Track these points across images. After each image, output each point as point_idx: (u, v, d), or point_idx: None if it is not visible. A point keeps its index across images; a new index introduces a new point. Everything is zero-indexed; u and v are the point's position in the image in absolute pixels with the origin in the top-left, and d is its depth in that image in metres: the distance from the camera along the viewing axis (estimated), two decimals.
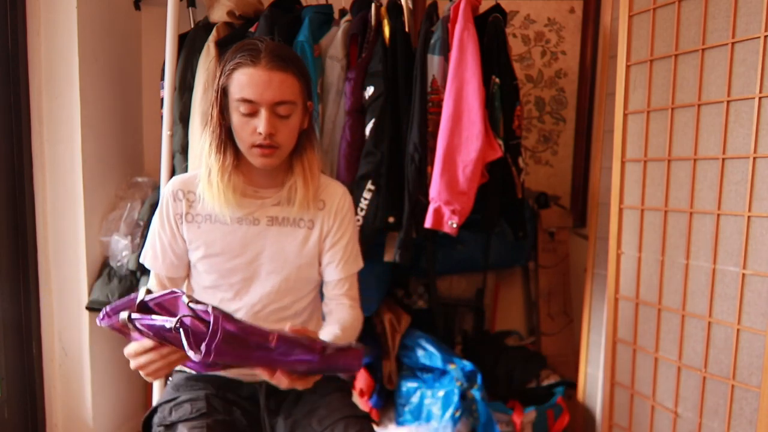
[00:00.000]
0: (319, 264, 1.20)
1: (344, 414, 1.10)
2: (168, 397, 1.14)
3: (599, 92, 2.07)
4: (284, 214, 1.15)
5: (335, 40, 1.71)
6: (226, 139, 1.09)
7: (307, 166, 1.14)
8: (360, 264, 1.25)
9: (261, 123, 1.03)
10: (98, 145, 1.89)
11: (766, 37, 1.31)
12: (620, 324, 1.72)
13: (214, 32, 1.72)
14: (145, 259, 1.18)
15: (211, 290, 1.16)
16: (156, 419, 1.12)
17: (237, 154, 1.11)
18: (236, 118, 1.05)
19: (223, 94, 1.07)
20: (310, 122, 1.15)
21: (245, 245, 1.13)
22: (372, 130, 1.62)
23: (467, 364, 1.83)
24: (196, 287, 1.19)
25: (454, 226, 1.54)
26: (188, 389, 1.14)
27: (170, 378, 1.22)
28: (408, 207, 1.63)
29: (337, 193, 1.20)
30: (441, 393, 1.79)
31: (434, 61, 1.63)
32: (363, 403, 1.88)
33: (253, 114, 1.04)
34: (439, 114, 1.60)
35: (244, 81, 1.02)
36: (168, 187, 1.15)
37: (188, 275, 1.22)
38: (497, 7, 1.69)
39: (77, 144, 1.79)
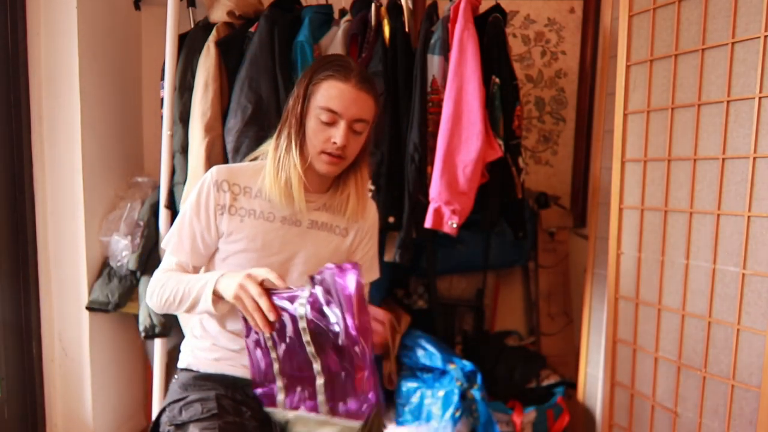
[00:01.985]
0: None
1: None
2: (176, 396, 1.13)
3: (599, 92, 2.07)
4: (324, 219, 1.20)
5: (335, 40, 1.71)
6: (302, 140, 1.13)
7: (360, 180, 1.21)
8: (377, 274, 1.32)
9: (339, 134, 1.09)
10: (98, 145, 1.89)
11: (766, 37, 1.31)
12: (620, 324, 1.72)
13: (214, 32, 1.71)
14: (168, 244, 1.17)
15: None
16: (165, 418, 1.11)
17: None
18: (313, 124, 1.11)
19: (305, 99, 1.12)
20: (368, 140, 1.21)
21: (284, 244, 1.16)
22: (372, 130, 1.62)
23: (467, 364, 1.83)
24: None
25: (454, 226, 1.54)
26: (197, 389, 1.14)
27: (175, 377, 1.22)
28: (408, 207, 1.63)
29: (372, 208, 1.28)
30: (441, 393, 1.79)
31: (434, 61, 1.63)
32: None
33: (331, 124, 1.10)
34: (439, 114, 1.60)
35: (334, 93, 1.09)
36: (211, 176, 1.15)
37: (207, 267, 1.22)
38: (497, 7, 1.69)
39: (77, 144, 1.79)
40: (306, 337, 1.00)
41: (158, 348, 1.81)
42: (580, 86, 2.34)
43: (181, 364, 1.24)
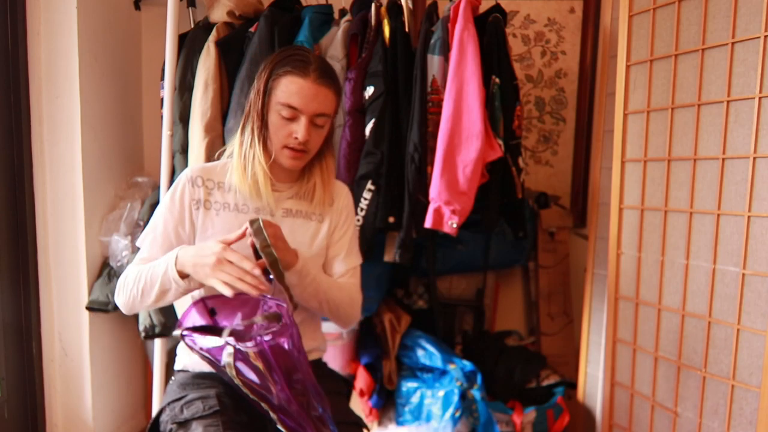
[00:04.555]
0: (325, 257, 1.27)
1: (335, 420, 1.10)
2: (176, 395, 1.13)
3: (599, 92, 2.07)
4: (298, 207, 1.21)
5: (335, 40, 1.71)
6: (265, 134, 1.15)
7: (325, 168, 1.22)
8: (360, 259, 1.31)
9: (300, 130, 1.10)
10: (98, 145, 1.89)
11: (766, 37, 1.31)
12: (620, 324, 1.72)
13: (214, 32, 1.71)
14: (144, 242, 1.17)
15: None
16: (165, 417, 1.11)
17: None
18: (275, 119, 1.12)
19: (265, 94, 1.12)
20: (331, 129, 1.22)
21: None
22: (372, 130, 1.62)
23: (467, 364, 1.83)
24: None
25: (454, 226, 1.54)
26: (196, 387, 1.14)
27: (173, 378, 1.22)
28: (408, 207, 1.63)
29: (343, 191, 1.29)
30: (441, 393, 1.79)
31: (434, 61, 1.63)
32: (363, 403, 1.88)
33: (292, 119, 1.11)
34: (439, 114, 1.60)
35: (293, 89, 1.09)
36: (186, 174, 1.18)
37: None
38: (497, 7, 1.69)
39: (77, 144, 1.79)
40: (237, 381, 1.00)
41: (158, 348, 1.81)
42: (580, 86, 2.34)
43: (177, 366, 1.24)
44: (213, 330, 1.04)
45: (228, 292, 0.98)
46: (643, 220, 1.65)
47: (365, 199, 1.62)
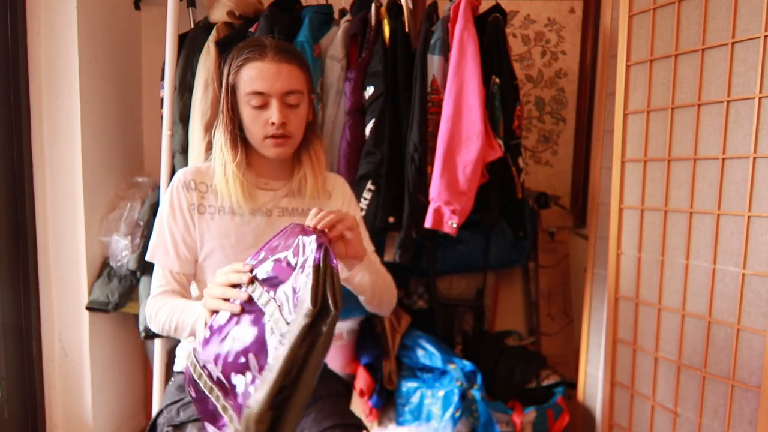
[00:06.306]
0: None
1: (335, 422, 1.09)
2: (173, 398, 1.13)
3: (599, 92, 2.07)
4: (294, 205, 1.18)
5: (335, 40, 1.71)
6: (237, 135, 1.12)
7: (314, 157, 1.18)
8: (371, 244, 1.26)
9: (273, 113, 1.07)
10: (98, 145, 1.89)
11: (766, 37, 1.31)
12: (620, 324, 1.72)
13: (214, 32, 1.72)
14: (155, 257, 1.13)
15: None
16: (162, 419, 1.11)
17: (247, 149, 1.14)
18: (247, 113, 1.09)
19: (231, 92, 1.09)
20: (314, 114, 1.19)
21: (258, 236, 1.15)
22: (372, 130, 1.62)
23: (467, 364, 1.83)
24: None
25: (455, 226, 1.54)
26: None
27: (172, 380, 1.22)
28: (408, 207, 1.63)
29: (338, 182, 1.26)
30: (441, 393, 1.79)
31: (434, 61, 1.63)
32: (363, 403, 1.88)
33: (264, 106, 1.08)
34: (439, 114, 1.60)
35: (254, 75, 1.06)
36: (178, 178, 1.14)
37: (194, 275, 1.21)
38: (497, 7, 1.69)
39: (77, 144, 1.79)
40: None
41: (158, 348, 1.81)
42: (580, 86, 2.34)
43: (177, 368, 1.24)
44: None
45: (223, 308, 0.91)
46: (643, 220, 1.65)
47: (365, 199, 1.62)
